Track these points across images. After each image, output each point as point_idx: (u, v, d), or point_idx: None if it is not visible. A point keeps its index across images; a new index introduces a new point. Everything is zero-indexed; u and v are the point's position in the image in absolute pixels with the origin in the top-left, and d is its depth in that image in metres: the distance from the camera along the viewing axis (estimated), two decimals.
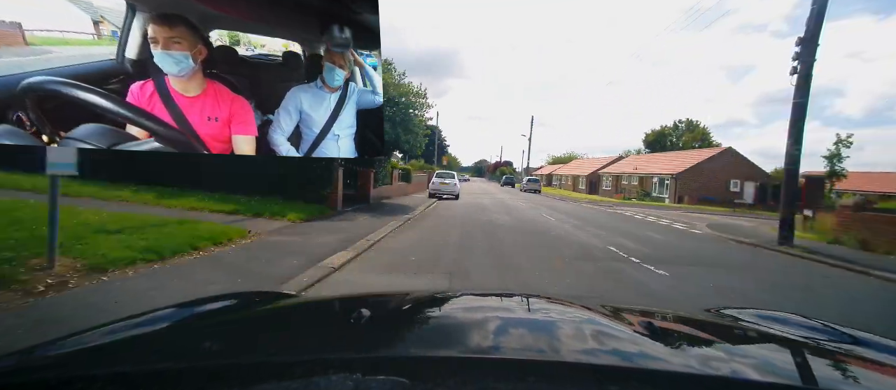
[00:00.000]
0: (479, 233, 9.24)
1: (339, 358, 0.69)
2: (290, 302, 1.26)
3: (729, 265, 7.71)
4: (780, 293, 5.88)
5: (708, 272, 6.79)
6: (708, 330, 1.08)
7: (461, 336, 0.86)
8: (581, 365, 0.70)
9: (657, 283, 5.73)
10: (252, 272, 4.75)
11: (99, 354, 0.80)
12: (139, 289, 3.73)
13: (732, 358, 0.83)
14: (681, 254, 8.40)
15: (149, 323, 0.97)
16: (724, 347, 0.93)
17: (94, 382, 0.60)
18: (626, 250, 8.16)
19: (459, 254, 6.83)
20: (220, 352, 0.81)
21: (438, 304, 1.20)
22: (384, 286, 5.01)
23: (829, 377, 0.79)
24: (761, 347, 0.95)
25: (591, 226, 12.31)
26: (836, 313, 4.97)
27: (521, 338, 0.85)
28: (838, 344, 0.97)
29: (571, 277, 5.86)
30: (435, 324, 0.99)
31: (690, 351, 0.86)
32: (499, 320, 1.01)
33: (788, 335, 1.01)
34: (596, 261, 6.99)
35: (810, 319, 1.17)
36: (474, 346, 0.80)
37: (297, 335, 0.93)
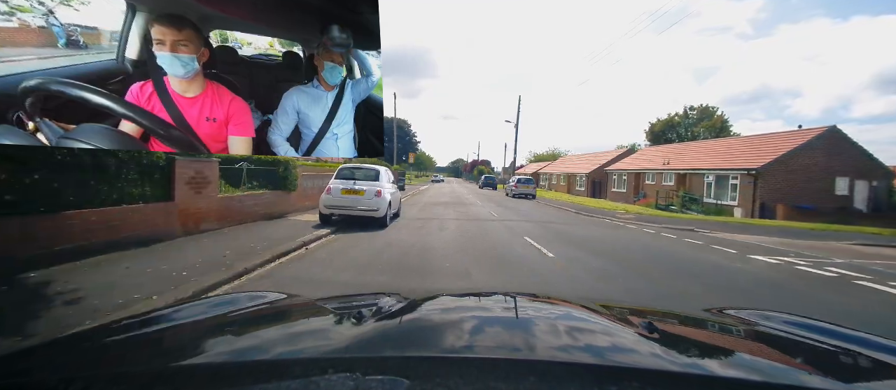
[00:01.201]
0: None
1: (339, 358, 0.69)
2: (290, 302, 1.26)
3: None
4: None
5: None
6: (708, 330, 1.09)
7: (461, 336, 0.86)
8: (581, 365, 0.70)
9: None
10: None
11: (99, 354, 0.80)
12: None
13: (732, 358, 0.84)
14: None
15: (149, 324, 0.98)
16: (724, 347, 0.94)
17: (94, 382, 0.61)
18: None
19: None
20: (220, 352, 0.81)
21: (438, 304, 1.20)
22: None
23: (828, 377, 0.79)
24: (761, 347, 0.96)
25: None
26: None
27: (521, 338, 0.85)
28: (838, 344, 0.97)
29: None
30: (435, 324, 0.99)
31: (690, 351, 0.86)
32: (500, 320, 1.02)
33: (789, 335, 1.01)
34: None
35: (810, 319, 1.17)
36: (474, 346, 0.80)
37: (297, 335, 0.93)
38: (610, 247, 7.98)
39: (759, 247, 8.95)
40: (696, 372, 0.72)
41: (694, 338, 1.01)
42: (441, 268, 5.29)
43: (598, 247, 7.83)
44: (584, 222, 12.56)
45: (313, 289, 4.33)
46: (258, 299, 1.25)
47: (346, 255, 5.88)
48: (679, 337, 0.99)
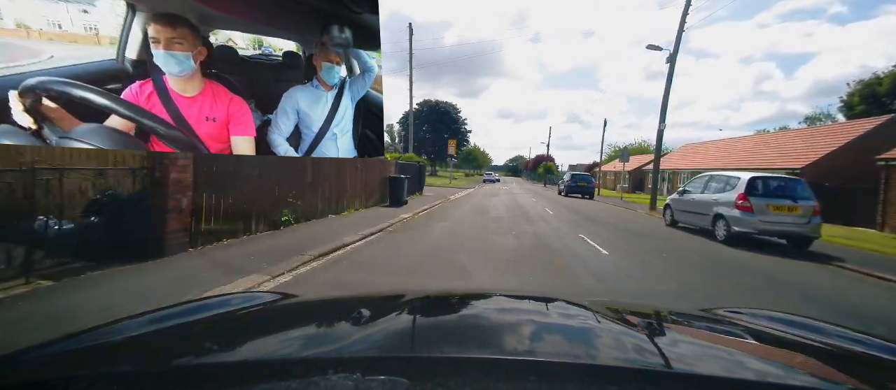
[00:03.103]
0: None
1: (339, 358, 0.69)
2: (290, 302, 1.26)
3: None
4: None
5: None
6: (708, 330, 1.08)
7: (461, 335, 0.86)
8: (582, 365, 0.70)
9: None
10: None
11: (99, 354, 0.80)
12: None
13: (733, 359, 0.84)
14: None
15: (149, 323, 0.98)
16: (725, 347, 0.94)
17: (94, 382, 0.60)
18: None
19: None
20: (221, 352, 0.81)
21: (438, 304, 1.20)
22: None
23: (828, 377, 0.79)
24: (762, 347, 0.96)
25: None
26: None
27: (521, 338, 0.85)
28: (838, 344, 0.97)
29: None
30: (435, 324, 0.99)
31: (691, 351, 0.86)
32: (500, 320, 1.01)
33: (788, 335, 1.01)
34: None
35: (811, 319, 1.17)
36: (474, 346, 0.80)
37: (297, 335, 0.93)
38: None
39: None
40: (696, 372, 0.72)
41: (694, 338, 1.01)
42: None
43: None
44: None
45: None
46: (258, 299, 1.25)
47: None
48: (679, 338, 0.99)
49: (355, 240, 6.98)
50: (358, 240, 7.02)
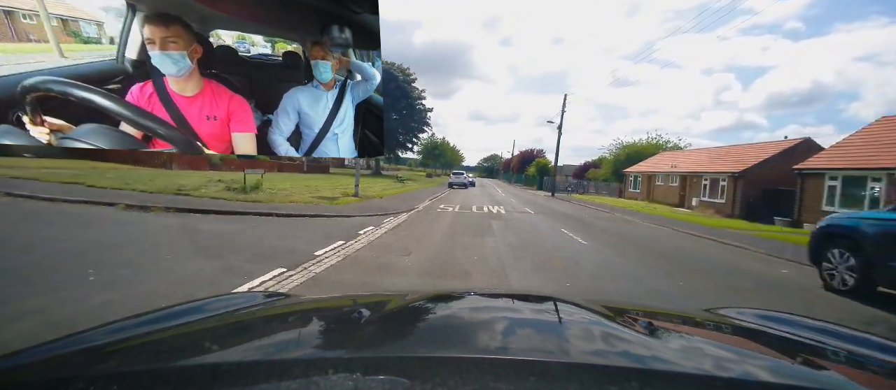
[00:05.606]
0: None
1: (339, 358, 0.69)
2: (290, 302, 1.26)
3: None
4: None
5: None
6: (708, 330, 1.08)
7: (462, 335, 0.86)
8: (582, 365, 0.70)
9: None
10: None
11: (99, 354, 0.80)
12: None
13: (733, 358, 0.84)
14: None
15: (149, 323, 0.98)
16: (725, 347, 0.93)
17: (94, 382, 0.60)
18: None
19: None
20: (220, 352, 0.81)
21: (438, 304, 1.20)
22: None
23: (828, 377, 0.79)
24: (762, 347, 0.96)
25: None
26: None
27: (521, 338, 0.85)
28: (838, 344, 0.97)
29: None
30: (435, 324, 0.99)
31: (690, 351, 0.86)
32: (500, 320, 1.01)
33: (788, 335, 1.01)
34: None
35: (811, 319, 1.17)
36: (475, 346, 0.80)
37: (297, 335, 0.93)
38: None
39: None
40: (695, 372, 0.71)
41: (694, 338, 1.00)
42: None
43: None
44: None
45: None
46: (257, 299, 1.25)
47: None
48: (679, 338, 0.99)
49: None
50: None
